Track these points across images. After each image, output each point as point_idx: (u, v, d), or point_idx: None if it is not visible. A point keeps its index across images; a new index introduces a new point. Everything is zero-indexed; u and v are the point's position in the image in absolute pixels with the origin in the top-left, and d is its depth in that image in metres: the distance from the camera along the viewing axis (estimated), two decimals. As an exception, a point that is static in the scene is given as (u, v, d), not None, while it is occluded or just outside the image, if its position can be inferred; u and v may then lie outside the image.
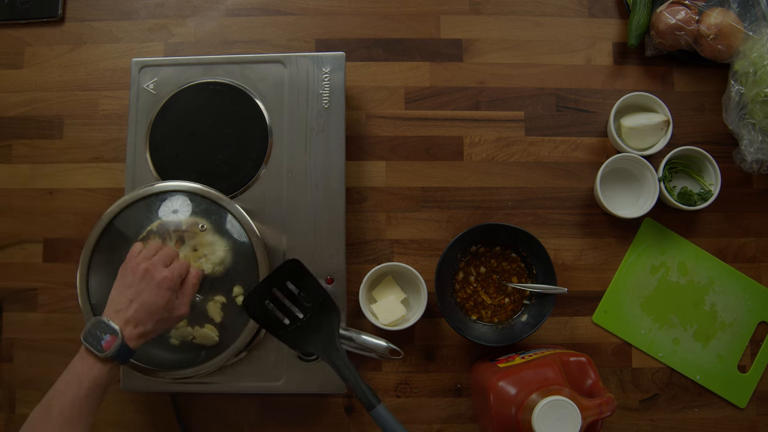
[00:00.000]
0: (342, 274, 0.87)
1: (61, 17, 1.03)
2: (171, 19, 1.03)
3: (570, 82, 1.00)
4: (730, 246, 0.96)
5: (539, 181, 0.98)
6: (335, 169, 0.89)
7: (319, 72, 0.91)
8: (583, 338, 0.94)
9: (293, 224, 0.88)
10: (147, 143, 0.91)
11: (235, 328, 0.82)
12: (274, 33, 1.02)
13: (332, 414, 0.93)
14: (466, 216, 0.97)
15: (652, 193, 0.92)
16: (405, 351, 0.92)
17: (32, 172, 0.99)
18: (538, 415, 0.69)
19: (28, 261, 0.97)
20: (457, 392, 0.93)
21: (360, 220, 0.97)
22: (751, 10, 0.94)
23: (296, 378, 0.85)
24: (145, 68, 0.93)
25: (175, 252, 0.77)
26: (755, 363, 0.94)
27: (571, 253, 0.96)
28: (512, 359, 0.83)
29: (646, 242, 0.96)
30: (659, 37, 0.96)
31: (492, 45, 1.01)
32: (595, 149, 0.99)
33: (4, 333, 0.96)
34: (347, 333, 0.78)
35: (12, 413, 0.94)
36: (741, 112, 0.93)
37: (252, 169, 0.89)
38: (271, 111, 0.90)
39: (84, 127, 1.00)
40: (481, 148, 0.98)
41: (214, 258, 0.83)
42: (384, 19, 1.02)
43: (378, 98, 1.00)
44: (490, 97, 1.00)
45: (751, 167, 0.94)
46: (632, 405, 0.93)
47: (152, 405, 0.93)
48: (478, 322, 0.92)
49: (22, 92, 1.01)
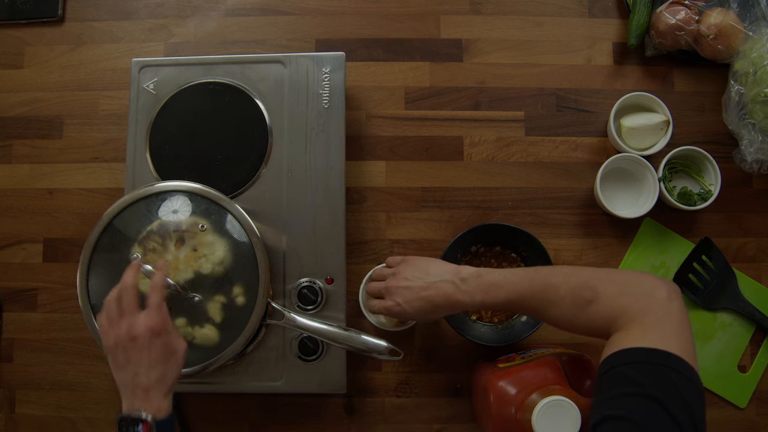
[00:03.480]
0: (342, 274, 0.87)
1: (61, 17, 1.03)
2: (171, 19, 1.03)
3: (570, 82, 1.00)
4: (730, 246, 0.96)
5: (539, 181, 0.98)
6: (335, 169, 0.89)
7: (319, 72, 0.91)
8: (583, 338, 0.93)
9: (293, 224, 0.88)
10: (147, 143, 0.91)
11: (235, 328, 0.82)
12: (274, 33, 1.02)
13: (332, 414, 0.93)
14: (466, 216, 0.97)
15: (652, 193, 0.92)
16: (405, 351, 0.92)
17: (32, 172, 0.99)
18: (538, 415, 0.69)
19: (28, 261, 0.97)
20: (457, 392, 0.93)
21: (360, 220, 0.97)
22: (751, 10, 0.94)
23: (296, 378, 0.85)
24: (145, 68, 0.92)
25: (134, 280, 0.70)
26: (755, 363, 0.94)
27: (571, 253, 0.96)
28: (512, 359, 0.83)
29: (646, 242, 0.96)
30: (659, 37, 0.96)
31: (492, 45, 1.01)
32: (595, 149, 0.99)
33: (4, 333, 0.96)
34: (347, 333, 0.78)
35: (12, 413, 0.94)
36: (741, 112, 0.93)
37: (252, 169, 0.89)
38: (271, 111, 0.90)
39: (84, 127, 1.00)
40: (481, 148, 0.98)
41: (214, 258, 0.83)
42: (384, 19, 1.02)
43: (378, 98, 1.00)
44: (490, 97, 1.00)
45: (751, 167, 0.94)
46: (632, 405, 0.93)
47: (152, 405, 0.93)
48: (478, 322, 0.92)
49: (22, 92, 1.01)
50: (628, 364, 0.55)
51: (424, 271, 0.77)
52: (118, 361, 0.67)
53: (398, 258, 0.83)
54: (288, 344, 0.86)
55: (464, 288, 0.73)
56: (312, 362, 0.85)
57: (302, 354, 0.85)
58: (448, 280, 0.74)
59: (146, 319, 0.67)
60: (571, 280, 0.66)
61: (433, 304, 0.74)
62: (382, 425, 0.92)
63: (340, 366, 0.85)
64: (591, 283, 0.64)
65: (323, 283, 0.86)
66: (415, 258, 0.81)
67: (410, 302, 0.75)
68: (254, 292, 0.85)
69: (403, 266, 0.79)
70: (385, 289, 0.79)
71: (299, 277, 0.86)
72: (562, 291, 0.66)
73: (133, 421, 0.64)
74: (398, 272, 0.79)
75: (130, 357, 0.66)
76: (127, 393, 0.66)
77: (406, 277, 0.77)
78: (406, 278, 0.77)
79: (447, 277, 0.75)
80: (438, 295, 0.74)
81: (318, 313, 0.86)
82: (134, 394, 0.65)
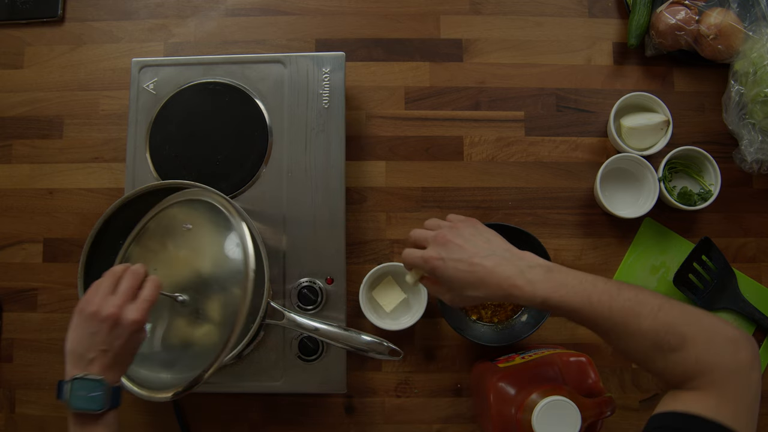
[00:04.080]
0: (342, 274, 0.87)
1: (61, 17, 1.03)
2: (171, 19, 1.03)
3: (570, 82, 1.00)
4: (730, 246, 0.96)
5: (539, 181, 0.98)
6: (335, 169, 0.89)
7: (319, 72, 0.91)
8: (583, 338, 0.94)
9: (293, 224, 0.88)
10: (147, 143, 0.91)
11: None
12: (274, 33, 1.02)
13: (332, 414, 0.93)
14: (466, 216, 0.97)
15: (652, 193, 0.92)
16: (405, 351, 0.92)
17: (32, 172, 0.99)
18: (538, 415, 0.69)
19: (28, 261, 0.97)
20: (457, 392, 0.93)
21: (360, 220, 0.97)
22: (751, 10, 0.94)
23: (296, 378, 0.85)
24: (145, 68, 0.93)
25: (142, 272, 0.69)
26: (755, 363, 0.94)
27: (571, 253, 0.96)
28: (512, 359, 0.83)
29: (646, 242, 0.96)
30: (659, 37, 0.96)
31: (492, 45, 1.01)
32: (595, 149, 0.99)
33: (4, 333, 0.96)
34: (347, 333, 0.78)
35: (12, 413, 0.94)
36: (741, 112, 0.93)
37: (252, 169, 0.89)
38: (271, 111, 0.90)
39: (84, 127, 1.00)
40: (481, 148, 0.98)
41: (215, 258, 0.83)
42: (384, 19, 1.02)
43: (378, 98, 1.00)
44: (490, 97, 1.00)
45: (751, 167, 0.94)
46: (632, 405, 0.93)
47: (152, 405, 0.93)
48: (478, 322, 0.92)
49: (22, 92, 1.02)
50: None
51: (485, 238, 0.66)
52: (89, 328, 0.64)
53: (459, 216, 0.71)
54: (288, 344, 0.86)
55: (529, 276, 0.61)
56: (312, 362, 0.85)
57: (302, 354, 0.85)
58: (511, 260, 0.63)
59: (135, 312, 0.65)
60: (659, 315, 0.58)
61: (479, 279, 0.63)
62: (382, 425, 0.92)
63: (340, 366, 0.85)
64: (680, 330, 0.57)
65: (323, 283, 0.86)
66: (477, 222, 0.70)
67: (456, 263, 0.64)
68: (254, 292, 0.85)
69: (464, 224, 0.68)
70: (433, 238, 0.67)
71: (299, 277, 0.86)
72: (645, 325, 0.57)
73: (91, 385, 0.63)
74: (457, 227, 0.68)
75: (99, 334, 0.64)
76: (81, 361, 0.65)
77: (463, 235, 0.66)
78: (462, 236, 0.66)
79: (509, 257, 0.64)
80: (493, 271, 0.62)
81: (318, 313, 0.86)
82: (92, 364, 0.64)
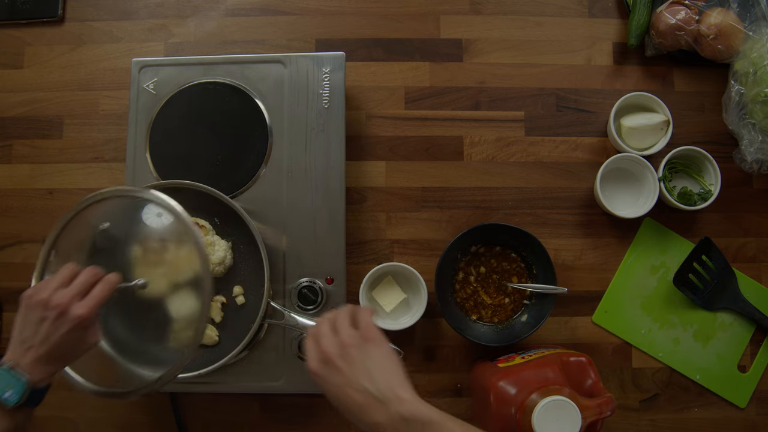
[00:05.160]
0: (342, 274, 0.87)
1: (61, 17, 1.03)
2: (171, 19, 1.03)
3: (570, 82, 1.00)
4: (730, 246, 0.96)
5: (539, 181, 0.98)
6: (335, 169, 0.89)
7: (319, 72, 0.91)
8: (583, 338, 0.94)
9: (293, 224, 0.88)
10: (147, 143, 0.91)
11: (235, 328, 0.82)
12: (274, 33, 1.02)
13: (332, 414, 0.93)
14: (466, 216, 0.97)
15: (652, 193, 0.92)
16: (405, 351, 0.91)
17: (32, 172, 0.99)
18: (538, 415, 0.69)
19: (28, 261, 0.97)
20: (457, 392, 0.93)
21: (360, 220, 0.97)
22: (751, 10, 0.94)
23: (296, 378, 0.85)
24: (145, 68, 0.93)
25: (99, 271, 0.69)
26: (755, 363, 0.94)
27: (571, 253, 0.96)
28: (512, 359, 0.83)
29: (646, 242, 0.96)
30: (659, 37, 0.96)
31: (492, 45, 1.01)
32: (595, 149, 0.99)
33: (4, 333, 0.96)
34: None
35: (12, 413, 0.94)
36: (741, 112, 0.93)
37: (252, 169, 0.89)
38: (271, 111, 0.90)
39: (84, 127, 1.00)
40: (481, 148, 0.98)
41: (214, 258, 0.83)
42: (384, 19, 1.02)
43: (378, 98, 1.00)
44: (490, 97, 1.00)
45: (751, 167, 0.94)
46: (632, 405, 0.93)
47: (152, 405, 0.93)
48: (478, 322, 0.92)
49: (22, 92, 1.01)
50: None
51: (368, 367, 0.62)
52: (34, 315, 0.65)
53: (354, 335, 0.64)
54: (288, 344, 0.86)
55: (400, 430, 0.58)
56: (312, 362, 0.85)
57: (302, 354, 0.85)
58: (387, 405, 0.59)
59: (82, 307, 0.65)
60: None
61: (348, 410, 0.61)
62: (382, 425, 0.92)
63: (340, 366, 0.85)
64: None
65: (323, 283, 0.86)
66: (375, 341, 0.65)
67: (331, 387, 0.62)
68: (254, 292, 0.85)
69: (357, 344, 0.64)
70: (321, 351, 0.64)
71: (299, 277, 0.86)
72: None
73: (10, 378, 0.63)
74: (346, 345, 0.63)
75: (44, 323, 0.64)
76: (20, 348, 0.65)
77: (348, 356, 0.62)
78: (346, 358, 0.62)
79: (385, 398, 0.59)
80: (362, 410, 0.60)
81: (318, 313, 0.86)
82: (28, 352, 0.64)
